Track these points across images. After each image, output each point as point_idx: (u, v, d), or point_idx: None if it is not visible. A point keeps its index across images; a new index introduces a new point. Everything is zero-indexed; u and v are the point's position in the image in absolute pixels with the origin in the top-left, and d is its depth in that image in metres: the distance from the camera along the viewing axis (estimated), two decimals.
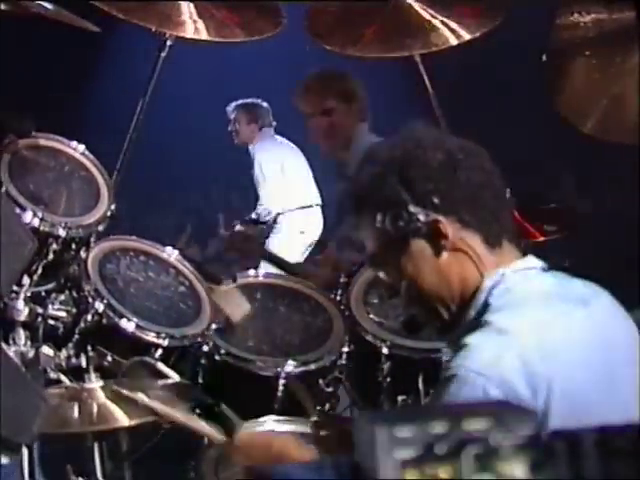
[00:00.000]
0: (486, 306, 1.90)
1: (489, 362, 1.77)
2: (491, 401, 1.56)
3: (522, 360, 1.76)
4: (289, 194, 7.00)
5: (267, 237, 6.97)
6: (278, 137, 7.27)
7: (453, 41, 3.99)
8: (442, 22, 3.95)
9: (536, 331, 1.81)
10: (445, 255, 1.95)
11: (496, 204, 1.98)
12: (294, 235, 6.91)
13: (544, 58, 2.89)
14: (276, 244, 6.78)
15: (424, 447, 0.91)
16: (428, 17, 3.96)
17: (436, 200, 1.93)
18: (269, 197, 6.95)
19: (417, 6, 3.98)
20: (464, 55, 6.90)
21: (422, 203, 1.93)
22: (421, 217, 1.93)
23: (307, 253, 6.96)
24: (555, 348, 1.79)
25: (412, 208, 1.93)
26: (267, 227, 7.00)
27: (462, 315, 1.95)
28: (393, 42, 4.00)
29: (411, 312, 2.15)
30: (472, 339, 1.83)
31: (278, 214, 6.95)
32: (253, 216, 6.95)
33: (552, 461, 0.89)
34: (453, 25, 3.97)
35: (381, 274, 2.15)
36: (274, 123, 7.22)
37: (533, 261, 2.01)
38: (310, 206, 6.99)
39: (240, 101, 7.21)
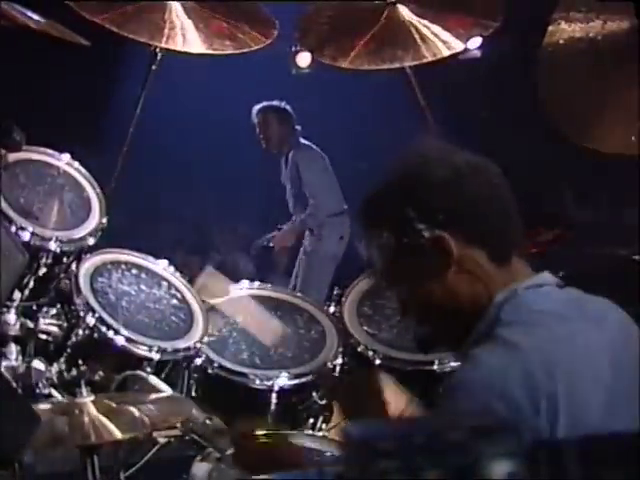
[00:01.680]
0: (497, 320, 1.88)
1: (494, 376, 1.75)
2: (472, 412, 1.55)
3: (527, 376, 1.73)
4: (332, 198, 6.75)
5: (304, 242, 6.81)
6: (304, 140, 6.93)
7: (445, 52, 3.98)
8: (433, 33, 3.95)
9: (545, 349, 1.78)
10: (451, 271, 1.93)
11: (504, 220, 1.96)
12: (335, 241, 6.70)
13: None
14: (318, 249, 6.66)
15: (406, 458, 0.90)
16: (420, 28, 3.96)
17: (441, 216, 1.91)
18: (318, 201, 6.65)
19: (408, 18, 3.98)
20: (464, 68, 6.94)
21: (427, 219, 1.91)
22: (426, 234, 1.91)
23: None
24: (564, 367, 1.76)
25: (417, 225, 1.92)
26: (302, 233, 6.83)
27: (471, 331, 1.93)
28: (385, 54, 3.99)
29: (422, 329, 2.13)
30: (479, 351, 1.81)
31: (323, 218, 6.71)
32: (302, 219, 6.74)
33: (534, 471, 0.88)
34: (445, 36, 3.97)
35: (391, 291, 2.13)
36: (299, 127, 6.88)
37: (547, 277, 1.98)
38: (343, 212, 6.71)
39: (266, 103, 6.85)
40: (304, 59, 8.06)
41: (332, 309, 3.84)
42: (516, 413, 1.68)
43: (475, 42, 6.56)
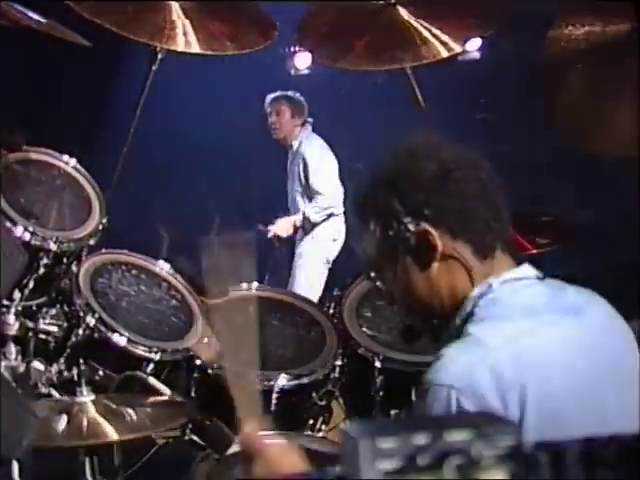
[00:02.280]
0: (470, 316, 1.91)
1: (461, 374, 1.77)
2: (473, 412, 1.56)
3: (494, 373, 1.75)
4: (337, 197, 6.60)
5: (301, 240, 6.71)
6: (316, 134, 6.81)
7: (444, 53, 3.98)
8: (433, 34, 3.94)
9: (513, 343, 1.80)
10: (435, 265, 1.95)
11: (490, 215, 1.97)
12: (329, 243, 6.60)
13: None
14: (311, 250, 6.60)
15: (407, 458, 0.90)
16: (419, 29, 3.96)
17: (426, 211, 1.93)
18: (326, 195, 6.51)
19: (408, 19, 3.98)
20: (464, 68, 6.94)
21: (413, 214, 1.93)
22: (411, 227, 1.93)
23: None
24: (532, 360, 1.78)
25: (403, 218, 1.94)
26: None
27: (450, 324, 1.96)
28: (384, 55, 3.99)
29: (406, 321, 2.15)
30: (447, 350, 1.83)
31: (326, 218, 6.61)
32: (306, 213, 6.61)
33: (534, 473, 0.88)
34: (444, 37, 3.96)
35: (378, 282, 2.15)
36: (310, 120, 6.77)
37: (526, 270, 2.00)
38: (339, 214, 6.57)
39: (280, 93, 6.73)
40: (302, 60, 8.09)
41: (332, 310, 3.84)
42: (487, 410, 1.69)
43: (474, 43, 6.58)
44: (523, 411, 1.72)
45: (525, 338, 1.82)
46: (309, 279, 6.54)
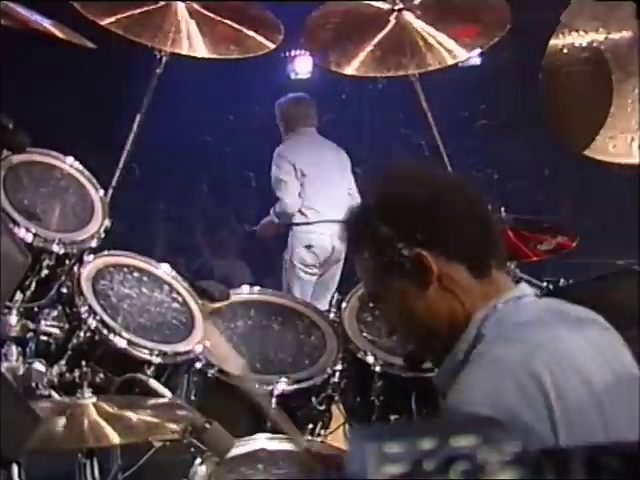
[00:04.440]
0: (479, 337, 1.91)
1: (489, 395, 1.77)
2: (479, 418, 1.56)
3: (520, 389, 1.76)
4: (301, 204, 6.61)
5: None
6: (318, 141, 6.78)
7: (449, 61, 3.99)
8: (438, 42, 3.95)
9: (530, 359, 1.80)
10: (432, 289, 1.96)
11: (482, 234, 2.00)
12: (301, 249, 6.60)
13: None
14: (286, 256, 6.64)
15: (413, 463, 0.91)
16: (425, 36, 3.97)
17: (419, 235, 1.95)
18: (277, 204, 6.67)
19: (415, 25, 3.99)
20: (464, 76, 6.95)
21: (405, 239, 1.95)
22: (405, 252, 1.95)
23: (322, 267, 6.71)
24: (551, 371, 1.79)
25: (396, 244, 1.95)
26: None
27: (452, 347, 1.96)
28: (389, 61, 4.00)
29: (408, 347, 2.16)
30: (467, 374, 1.83)
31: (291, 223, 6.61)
32: (272, 212, 6.75)
33: (540, 479, 0.89)
34: (449, 45, 3.97)
35: (379, 310, 2.17)
36: (307, 124, 6.69)
37: (526, 289, 2.01)
38: (316, 222, 6.52)
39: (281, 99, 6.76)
40: (303, 64, 8.12)
41: (332, 315, 3.84)
42: (523, 427, 1.69)
43: (475, 50, 6.59)
44: (554, 426, 1.73)
45: (540, 352, 1.82)
46: (288, 284, 6.60)
